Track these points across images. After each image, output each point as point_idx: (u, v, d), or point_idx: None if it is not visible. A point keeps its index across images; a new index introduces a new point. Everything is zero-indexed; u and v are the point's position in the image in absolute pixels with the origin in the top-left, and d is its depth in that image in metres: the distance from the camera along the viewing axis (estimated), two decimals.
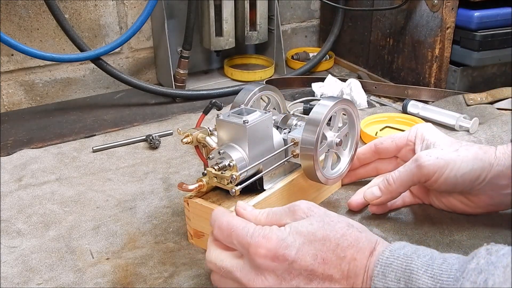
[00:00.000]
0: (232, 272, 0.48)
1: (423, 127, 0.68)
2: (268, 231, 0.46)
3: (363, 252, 0.44)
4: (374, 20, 1.22)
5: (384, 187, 0.64)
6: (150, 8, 1.07)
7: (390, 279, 0.42)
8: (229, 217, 0.51)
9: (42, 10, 1.11)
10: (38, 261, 0.63)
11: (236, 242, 0.48)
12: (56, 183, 0.81)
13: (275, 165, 0.64)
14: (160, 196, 0.77)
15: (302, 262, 0.44)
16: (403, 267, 0.42)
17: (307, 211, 0.48)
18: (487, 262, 0.38)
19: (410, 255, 0.42)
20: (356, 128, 0.69)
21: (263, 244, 0.45)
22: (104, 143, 0.94)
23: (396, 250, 0.43)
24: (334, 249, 0.45)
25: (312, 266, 0.44)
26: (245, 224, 0.49)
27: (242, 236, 0.47)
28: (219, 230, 0.50)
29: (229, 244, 0.50)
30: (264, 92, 0.72)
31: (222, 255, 0.50)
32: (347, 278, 0.44)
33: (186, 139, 0.65)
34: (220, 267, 0.49)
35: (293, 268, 0.44)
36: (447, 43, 1.03)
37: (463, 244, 0.62)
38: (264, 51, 1.37)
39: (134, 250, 0.64)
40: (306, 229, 0.46)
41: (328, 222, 0.47)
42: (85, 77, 1.22)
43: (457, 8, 1.01)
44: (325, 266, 0.44)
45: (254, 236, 0.46)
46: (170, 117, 1.07)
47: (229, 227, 0.49)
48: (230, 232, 0.49)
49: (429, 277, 0.40)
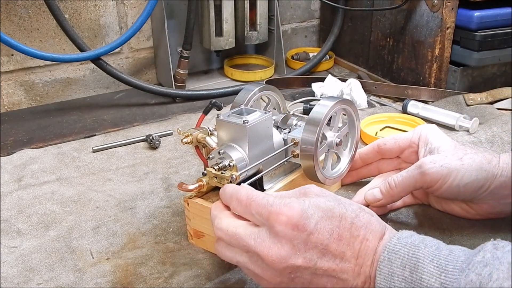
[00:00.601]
0: (245, 239, 0.47)
1: (427, 129, 0.67)
2: (289, 201, 0.47)
3: (374, 234, 0.45)
4: (374, 20, 1.22)
5: (385, 191, 0.64)
6: (150, 8, 1.07)
7: (396, 265, 0.42)
8: (247, 190, 0.51)
9: (42, 10, 1.11)
10: (38, 261, 0.63)
11: (255, 211, 0.48)
12: (56, 183, 0.81)
13: (275, 165, 0.64)
14: (160, 196, 0.77)
15: (320, 235, 0.45)
16: (410, 255, 0.42)
17: (319, 193, 0.49)
18: (493, 256, 0.39)
19: (417, 244, 0.43)
20: (356, 128, 0.69)
21: (284, 211, 0.45)
22: (104, 143, 0.94)
23: (404, 238, 0.44)
24: (349, 228, 0.45)
25: (328, 241, 0.45)
26: (264, 195, 0.49)
27: (263, 205, 0.47)
28: (238, 202, 0.50)
29: (247, 215, 0.49)
30: (264, 92, 0.72)
31: (236, 222, 0.50)
32: (357, 257, 0.45)
33: (186, 139, 0.65)
34: (232, 233, 0.49)
35: (310, 240, 0.45)
36: (447, 43, 1.03)
37: (463, 244, 0.61)
38: (264, 51, 1.37)
39: (134, 250, 0.64)
40: (325, 205, 0.46)
41: (343, 202, 0.48)
42: (85, 77, 1.22)
43: (457, 8, 1.01)
44: (339, 243, 0.45)
45: (275, 205, 0.46)
46: (170, 117, 1.07)
47: (249, 198, 0.49)
48: (250, 202, 0.49)
49: (435, 266, 0.40)
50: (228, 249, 0.50)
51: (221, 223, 0.50)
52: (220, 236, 0.50)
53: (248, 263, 0.48)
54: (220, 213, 0.52)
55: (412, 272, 0.41)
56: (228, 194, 0.52)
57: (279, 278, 0.46)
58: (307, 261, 0.45)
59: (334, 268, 0.45)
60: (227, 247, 0.50)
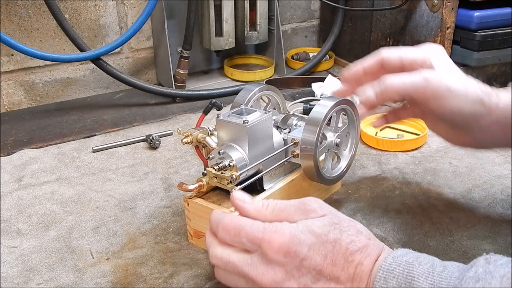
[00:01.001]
0: (239, 266, 0.47)
1: (434, 51, 0.61)
2: (280, 226, 0.46)
3: (370, 257, 0.45)
4: (374, 20, 1.22)
5: (380, 91, 0.60)
6: (150, 8, 1.07)
7: (391, 284, 0.42)
8: (232, 217, 0.50)
9: (42, 10, 1.11)
10: (38, 261, 0.63)
11: (246, 240, 0.47)
12: (56, 183, 0.81)
13: (275, 165, 0.64)
14: (160, 196, 0.77)
15: (312, 261, 0.44)
16: (405, 273, 0.42)
17: (320, 212, 0.48)
18: (484, 271, 0.39)
19: (412, 262, 0.43)
20: (356, 128, 0.69)
21: (276, 238, 0.45)
22: (104, 143, 0.94)
23: (399, 257, 0.44)
24: (343, 253, 0.45)
25: (321, 266, 0.44)
26: (252, 222, 0.48)
27: (253, 233, 0.47)
28: (225, 232, 0.49)
29: (238, 243, 0.49)
30: (264, 92, 0.72)
31: (228, 250, 0.49)
32: (353, 281, 0.44)
33: (186, 139, 0.65)
34: (226, 261, 0.49)
35: (303, 266, 0.45)
36: (447, 43, 1.03)
37: (463, 244, 0.62)
38: (264, 51, 1.37)
39: (134, 250, 0.64)
40: (318, 230, 0.46)
41: (339, 226, 0.47)
42: (85, 77, 1.22)
43: (457, 8, 1.01)
44: (333, 268, 0.44)
45: (266, 231, 0.46)
46: (170, 117, 1.07)
47: (237, 226, 0.48)
48: (238, 232, 0.48)
49: (429, 284, 0.41)
50: (227, 275, 0.50)
51: (215, 251, 0.50)
52: (216, 264, 0.50)
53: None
54: (213, 240, 0.51)
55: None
56: (215, 222, 0.51)
57: None
58: (302, 286, 0.44)
59: None
60: (225, 273, 0.50)
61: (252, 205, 0.51)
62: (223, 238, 0.50)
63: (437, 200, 0.72)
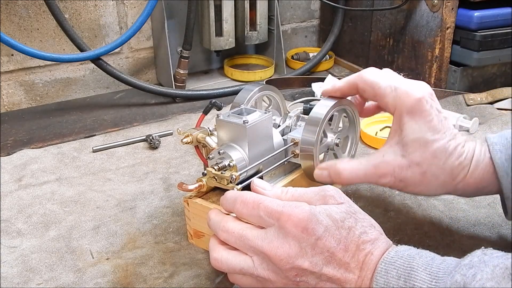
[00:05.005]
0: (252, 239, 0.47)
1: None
2: (300, 204, 0.47)
3: (379, 249, 0.46)
4: (374, 20, 1.22)
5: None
6: (150, 8, 1.07)
7: (391, 276, 0.43)
8: (252, 193, 0.51)
9: (42, 10, 1.11)
10: (38, 261, 0.63)
11: (264, 213, 0.48)
12: (56, 183, 0.81)
13: (275, 165, 0.64)
14: (160, 196, 0.77)
15: (327, 242, 0.45)
16: (405, 265, 0.43)
17: (339, 199, 0.49)
18: (479, 260, 0.40)
19: (413, 256, 0.44)
20: (356, 128, 0.69)
21: (296, 213, 0.46)
22: (104, 143, 0.94)
23: (401, 251, 0.45)
24: (356, 241, 0.46)
25: (334, 249, 0.45)
26: (272, 199, 0.49)
27: (272, 207, 0.47)
28: (244, 204, 0.49)
29: (254, 217, 0.49)
30: (264, 92, 0.72)
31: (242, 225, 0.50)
32: (361, 269, 0.45)
33: (186, 139, 0.65)
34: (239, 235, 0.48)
35: (317, 245, 0.45)
36: (447, 43, 1.03)
37: (463, 244, 0.62)
38: (264, 51, 1.37)
39: (134, 250, 0.64)
40: (336, 215, 0.46)
41: (355, 215, 0.47)
42: (85, 77, 1.22)
43: (457, 8, 1.01)
44: (345, 254, 0.45)
45: (286, 206, 0.47)
46: (170, 117, 1.07)
47: (256, 200, 0.49)
48: (257, 205, 0.48)
49: (428, 274, 0.41)
50: (231, 256, 0.50)
51: (227, 226, 0.50)
52: (226, 238, 0.50)
53: (253, 268, 0.48)
54: (223, 217, 0.52)
55: (406, 281, 0.42)
56: (231, 199, 0.51)
57: (284, 280, 0.46)
58: (313, 265, 0.45)
59: (338, 277, 0.45)
60: (229, 254, 0.50)
61: (272, 192, 0.52)
62: (240, 211, 0.50)
63: (437, 200, 0.72)
